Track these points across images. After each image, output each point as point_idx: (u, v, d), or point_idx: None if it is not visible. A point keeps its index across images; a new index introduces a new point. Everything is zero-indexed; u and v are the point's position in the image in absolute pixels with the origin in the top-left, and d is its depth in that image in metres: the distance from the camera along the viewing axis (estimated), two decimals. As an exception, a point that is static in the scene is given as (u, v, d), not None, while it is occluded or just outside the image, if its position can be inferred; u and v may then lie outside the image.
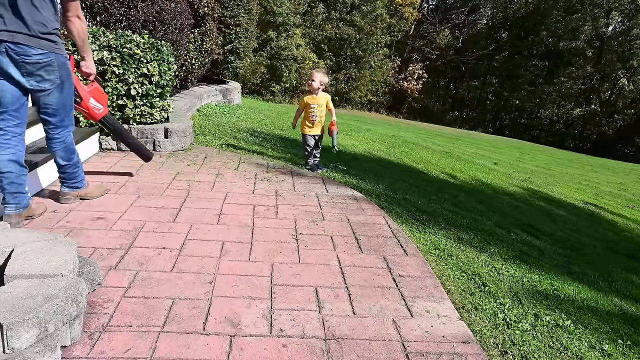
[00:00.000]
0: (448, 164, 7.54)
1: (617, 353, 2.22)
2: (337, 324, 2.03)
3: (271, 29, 18.38)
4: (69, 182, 3.14)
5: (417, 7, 29.20)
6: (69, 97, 2.91)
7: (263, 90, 19.79)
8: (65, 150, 3.01)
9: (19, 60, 2.54)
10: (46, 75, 2.67)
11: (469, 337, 2.04)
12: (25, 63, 2.56)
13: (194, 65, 7.11)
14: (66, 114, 2.93)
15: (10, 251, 1.95)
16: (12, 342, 1.51)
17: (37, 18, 2.54)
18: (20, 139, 2.73)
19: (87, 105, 3.36)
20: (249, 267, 2.47)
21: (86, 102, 3.34)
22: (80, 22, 2.83)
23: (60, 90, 2.80)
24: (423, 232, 3.27)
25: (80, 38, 2.87)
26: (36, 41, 2.56)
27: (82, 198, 3.21)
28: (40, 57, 2.60)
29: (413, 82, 30.46)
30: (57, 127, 2.92)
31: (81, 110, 3.41)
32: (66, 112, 2.92)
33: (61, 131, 2.95)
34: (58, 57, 2.69)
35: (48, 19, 2.60)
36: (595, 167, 15.32)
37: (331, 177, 4.38)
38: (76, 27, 2.81)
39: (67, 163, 3.06)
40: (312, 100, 4.43)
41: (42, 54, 2.60)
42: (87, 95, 3.34)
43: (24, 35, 2.52)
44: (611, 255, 4.43)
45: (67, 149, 3.02)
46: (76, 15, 2.80)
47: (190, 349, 1.79)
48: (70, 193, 3.16)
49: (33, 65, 2.59)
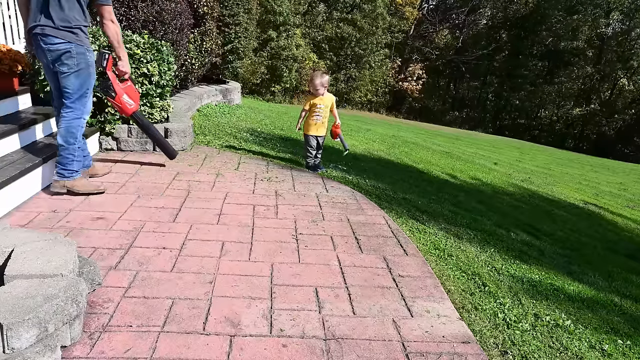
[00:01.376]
0: (448, 164, 7.54)
1: (617, 353, 2.22)
2: (337, 324, 2.03)
3: (271, 29, 18.38)
4: (59, 167, 3.31)
5: (417, 7, 29.20)
6: (84, 84, 3.25)
7: (263, 90, 19.78)
8: (67, 130, 3.26)
9: (45, 48, 3.06)
10: (65, 60, 3.11)
11: (469, 337, 2.04)
12: (50, 50, 3.07)
13: (194, 65, 7.11)
14: (77, 98, 3.26)
15: (10, 251, 1.95)
16: (12, 342, 1.51)
17: (61, 16, 3.03)
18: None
19: (120, 99, 3.65)
20: (249, 267, 2.47)
21: (120, 97, 3.64)
22: (114, 25, 3.26)
23: (77, 76, 3.19)
24: (423, 232, 3.27)
25: (115, 39, 3.30)
26: (59, 32, 3.04)
27: (69, 190, 3.32)
28: (60, 45, 3.06)
29: (413, 82, 30.47)
30: (67, 107, 3.26)
31: (115, 104, 3.69)
32: (77, 97, 3.26)
33: (69, 112, 3.26)
34: (78, 47, 3.12)
35: (73, 17, 3.08)
36: (595, 167, 15.32)
37: (331, 177, 4.38)
38: (110, 30, 3.25)
39: (63, 144, 3.27)
40: (320, 101, 4.43)
41: (63, 42, 3.06)
42: (122, 91, 3.65)
43: (51, 28, 3.03)
44: (611, 255, 4.44)
45: (69, 130, 3.26)
46: (110, 20, 3.23)
47: (190, 349, 1.79)
48: (58, 182, 3.31)
49: (56, 52, 3.08)
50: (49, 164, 3.47)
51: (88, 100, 3.33)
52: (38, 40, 3.07)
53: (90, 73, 3.26)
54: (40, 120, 3.88)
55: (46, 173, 3.44)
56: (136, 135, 4.52)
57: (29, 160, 3.26)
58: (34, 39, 3.10)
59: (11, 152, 3.42)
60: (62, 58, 3.10)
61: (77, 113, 3.28)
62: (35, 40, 3.09)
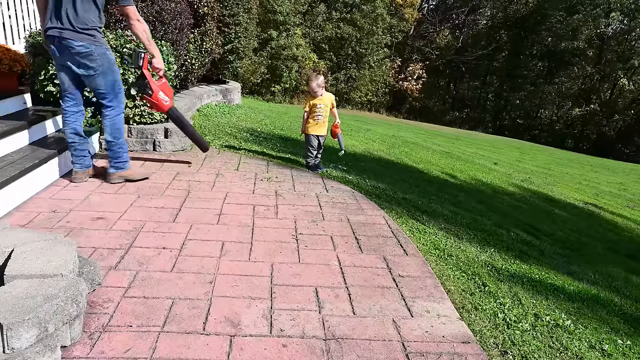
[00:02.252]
0: (448, 164, 7.54)
1: (617, 353, 2.22)
2: (337, 324, 2.03)
3: (271, 28, 18.37)
4: (113, 162, 3.59)
5: (417, 8, 29.18)
6: (113, 82, 3.42)
7: (263, 90, 19.77)
8: (112, 128, 3.51)
9: (66, 51, 3.19)
10: (89, 63, 3.26)
11: (469, 337, 2.04)
12: (71, 53, 3.20)
13: (194, 65, 7.11)
14: (113, 96, 3.46)
15: (10, 251, 1.95)
16: (12, 342, 1.51)
17: (79, 19, 3.15)
18: (78, 115, 3.47)
19: (157, 97, 3.77)
20: (249, 267, 2.47)
21: (156, 95, 3.75)
22: (140, 24, 3.35)
23: (104, 76, 3.35)
24: (423, 232, 3.27)
25: (145, 37, 3.39)
26: (78, 35, 3.16)
27: (126, 179, 3.63)
28: (81, 48, 3.19)
29: (413, 82, 30.45)
30: (105, 107, 3.48)
31: (151, 101, 3.79)
32: (113, 95, 3.45)
33: (110, 110, 3.49)
34: (97, 48, 3.26)
35: (89, 19, 3.18)
36: (595, 167, 15.32)
37: (331, 177, 4.38)
38: (138, 29, 3.35)
39: (113, 141, 3.54)
40: (319, 101, 4.44)
41: (82, 45, 3.18)
42: (157, 89, 3.76)
43: (69, 31, 3.14)
44: (611, 255, 4.44)
45: (114, 127, 3.52)
46: (136, 19, 3.32)
47: (190, 349, 1.79)
48: (115, 174, 3.61)
49: (77, 55, 3.21)
50: (49, 164, 3.48)
51: (121, 94, 3.54)
52: (55, 41, 3.18)
53: (114, 70, 3.43)
54: (40, 120, 3.88)
55: (46, 173, 3.44)
56: (136, 135, 4.53)
57: (29, 160, 3.26)
58: (49, 39, 3.21)
59: (11, 152, 3.42)
60: (86, 61, 3.24)
61: (117, 110, 3.52)
62: (52, 41, 3.19)
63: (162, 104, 3.80)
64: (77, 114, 3.47)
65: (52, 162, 3.52)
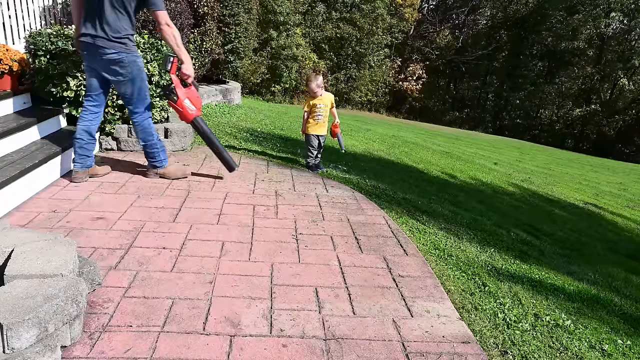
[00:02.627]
0: (448, 164, 7.54)
1: (617, 353, 2.22)
2: (337, 324, 2.03)
3: (271, 28, 18.36)
4: (150, 161, 3.76)
5: (417, 8, 29.17)
6: (141, 89, 3.53)
7: (263, 90, 19.76)
8: (142, 132, 3.64)
9: (98, 57, 3.31)
10: (119, 69, 3.37)
11: (469, 337, 2.04)
12: (103, 60, 3.31)
13: (194, 65, 7.11)
14: (140, 102, 3.57)
15: (10, 251, 1.95)
16: (12, 342, 1.51)
17: (112, 27, 3.25)
18: (96, 116, 3.57)
19: (181, 104, 3.66)
20: (249, 267, 2.47)
21: (181, 102, 3.65)
22: (170, 28, 3.36)
23: (132, 82, 3.45)
24: (423, 232, 3.27)
25: (174, 42, 3.40)
26: (110, 43, 3.27)
27: (162, 176, 3.79)
28: (113, 56, 3.30)
29: (413, 82, 30.43)
30: (133, 112, 3.60)
31: (176, 108, 3.69)
32: (140, 101, 3.56)
33: (137, 116, 3.60)
34: (128, 56, 3.35)
35: (122, 27, 3.29)
36: (595, 167, 15.32)
37: (331, 177, 4.38)
38: (167, 34, 3.36)
39: (144, 143, 3.68)
40: (319, 101, 4.44)
41: (114, 52, 3.29)
42: (183, 96, 3.67)
43: (103, 39, 3.25)
44: (611, 255, 4.44)
45: (144, 131, 3.64)
46: (165, 24, 3.33)
47: (190, 349, 1.79)
48: (151, 170, 3.78)
49: (108, 61, 3.32)
50: (49, 164, 3.48)
51: (147, 99, 3.63)
52: (88, 48, 3.30)
53: (142, 77, 3.52)
54: (40, 120, 3.88)
55: (46, 173, 3.44)
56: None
57: (29, 160, 3.27)
58: (82, 45, 3.34)
59: (11, 152, 3.42)
60: (116, 67, 3.35)
61: (144, 115, 3.63)
62: (84, 48, 3.32)
63: (187, 112, 3.68)
64: (96, 115, 3.57)
65: (52, 162, 3.52)
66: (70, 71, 4.05)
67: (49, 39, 4.05)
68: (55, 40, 4.04)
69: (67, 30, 4.17)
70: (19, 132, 3.55)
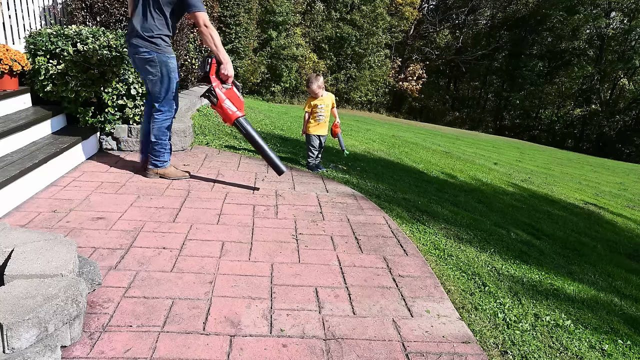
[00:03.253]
0: (448, 164, 7.54)
1: (617, 353, 2.22)
2: (337, 324, 2.03)
3: (271, 28, 18.37)
4: (152, 159, 3.80)
5: (417, 7, 29.16)
6: (168, 88, 3.59)
7: (263, 90, 19.77)
8: (159, 130, 3.70)
9: (134, 55, 3.47)
10: (150, 68, 3.48)
11: (469, 337, 2.04)
12: (136, 58, 3.47)
13: (194, 65, 7.11)
14: (167, 102, 3.65)
15: (10, 251, 1.95)
16: (12, 342, 1.51)
17: (145, 26, 3.37)
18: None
19: (222, 105, 3.59)
20: (249, 267, 2.47)
21: (221, 103, 3.58)
22: (207, 29, 3.39)
23: (161, 82, 3.54)
24: (423, 232, 3.27)
25: (212, 43, 3.42)
26: (143, 42, 3.40)
27: (162, 176, 3.83)
28: (145, 54, 3.42)
29: (413, 82, 30.42)
30: (157, 110, 3.66)
31: (217, 110, 3.64)
32: (167, 101, 3.64)
33: (159, 114, 3.67)
34: (159, 55, 3.44)
35: (155, 27, 3.39)
36: (595, 167, 15.32)
37: (331, 177, 4.38)
38: (205, 35, 3.41)
39: (156, 140, 3.72)
40: (320, 101, 4.46)
41: (146, 51, 3.41)
42: (223, 97, 3.60)
43: (137, 37, 3.39)
44: (611, 255, 4.44)
45: (161, 130, 3.71)
46: (203, 25, 3.38)
47: (190, 349, 1.79)
48: (152, 170, 3.82)
49: (141, 60, 3.46)
50: (49, 164, 3.48)
51: (174, 101, 3.71)
52: (128, 46, 3.48)
53: (171, 78, 3.57)
54: (40, 120, 3.88)
55: (46, 173, 3.44)
56: (136, 135, 4.52)
57: (29, 160, 3.27)
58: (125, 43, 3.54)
59: (11, 152, 3.42)
60: (147, 66, 3.46)
61: (167, 114, 3.69)
62: (126, 45, 3.52)
63: (228, 113, 3.58)
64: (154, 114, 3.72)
65: (52, 162, 3.52)
66: (70, 71, 4.05)
67: (49, 39, 4.05)
68: (55, 40, 4.03)
69: (67, 30, 4.17)
70: (19, 132, 3.55)
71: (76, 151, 3.98)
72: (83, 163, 4.06)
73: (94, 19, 5.41)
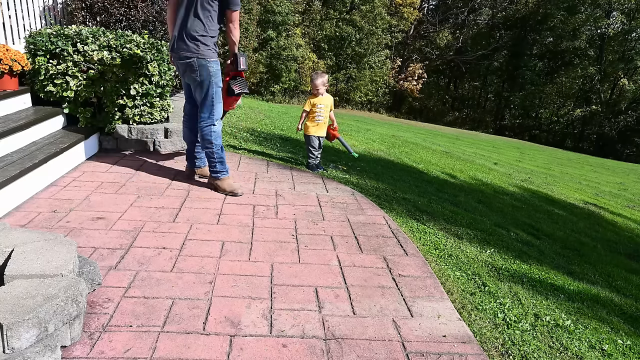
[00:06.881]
0: (448, 164, 7.54)
1: (617, 353, 2.22)
2: (337, 324, 2.03)
3: (271, 29, 18.37)
4: (210, 168, 3.66)
5: (417, 7, 29.16)
6: (208, 94, 3.45)
7: (263, 90, 19.78)
8: (201, 138, 3.57)
9: (177, 60, 3.41)
10: (190, 72, 3.39)
11: (469, 337, 2.04)
12: (178, 62, 3.41)
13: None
14: (206, 108, 3.49)
15: (10, 251, 1.95)
16: (12, 342, 1.51)
17: (187, 30, 3.31)
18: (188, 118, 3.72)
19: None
20: (249, 267, 2.47)
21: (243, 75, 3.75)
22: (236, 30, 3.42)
23: (201, 87, 3.42)
24: (423, 232, 3.27)
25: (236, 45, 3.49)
26: (185, 46, 3.32)
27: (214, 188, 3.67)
28: (185, 58, 3.34)
29: (413, 82, 30.42)
30: (200, 117, 3.54)
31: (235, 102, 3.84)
32: (206, 106, 3.49)
33: (201, 122, 3.53)
34: (199, 60, 3.34)
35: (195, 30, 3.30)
36: (595, 167, 15.32)
37: (331, 177, 4.38)
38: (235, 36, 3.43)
39: (207, 149, 3.59)
40: (320, 101, 4.47)
41: (186, 55, 3.33)
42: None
43: (178, 42, 3.34)
44: (611, 255, 4.44)
45: (204, 138, 3.55)
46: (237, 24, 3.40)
47: (190, 349, 1.79)
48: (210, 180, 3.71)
49: (182, 64, 3.39)
50: (49, 164, 3.48)
51: (215, 107, 3.51)
52: (171, 50, 3.42)
53: (211, 83, 3.42)
54: (40, 120, 3.88)
55: (46, 173, 3.44)
56: (136, 135, 4.52)
57: (29, 160, 3.27)
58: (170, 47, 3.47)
59: (11, 152, 3.42)
60: (188, 70, 3.38)
61: (208, 122, 3.52)
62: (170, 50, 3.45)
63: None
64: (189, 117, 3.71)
65: (52, 162, 3.52)
66: (70, 71, 4.05)
67: (49, 39, 4.05)
68: (55, 40, 4.04)
69: (67, 30, 4.17)
70: (19, 132, 3.55)
71: (76, 151, 3.98)
72: (83, 163, 4.06)
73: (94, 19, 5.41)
